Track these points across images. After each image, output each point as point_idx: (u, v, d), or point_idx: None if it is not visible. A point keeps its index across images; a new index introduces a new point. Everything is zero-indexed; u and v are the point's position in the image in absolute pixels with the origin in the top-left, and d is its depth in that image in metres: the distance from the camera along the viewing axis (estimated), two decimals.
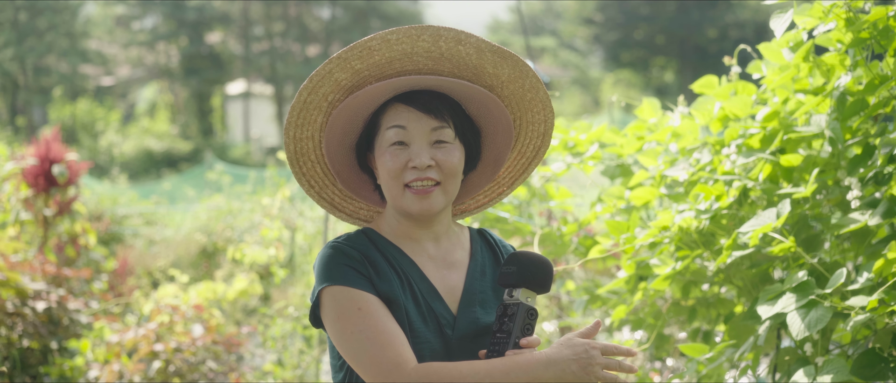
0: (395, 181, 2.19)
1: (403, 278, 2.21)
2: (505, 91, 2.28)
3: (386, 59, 2.17)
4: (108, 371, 5.42)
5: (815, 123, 3.11)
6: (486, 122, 2.29)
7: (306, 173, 2.31)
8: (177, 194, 19.52)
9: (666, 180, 3.57)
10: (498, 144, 2.32)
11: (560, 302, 5.85)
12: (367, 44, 2.13)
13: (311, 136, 2.26)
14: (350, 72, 2.17)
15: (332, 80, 2.17)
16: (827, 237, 3.10)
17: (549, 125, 2.36)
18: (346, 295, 2.13)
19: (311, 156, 2.29)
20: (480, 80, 2.25)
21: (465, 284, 2.27)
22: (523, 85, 2.27)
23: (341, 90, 2.20)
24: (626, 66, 42.73)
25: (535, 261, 2.18)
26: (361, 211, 2.42)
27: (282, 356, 6.00)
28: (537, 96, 2.29)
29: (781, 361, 3.15)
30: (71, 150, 7.77)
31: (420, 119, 2.18)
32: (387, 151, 2.19)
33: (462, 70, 2.23)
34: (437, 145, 2.19)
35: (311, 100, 2.20)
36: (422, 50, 2.17)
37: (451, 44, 2.17)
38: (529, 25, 46.70)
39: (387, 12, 41.16)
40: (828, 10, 2.98)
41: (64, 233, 7.38)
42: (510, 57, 2.21)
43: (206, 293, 6.85)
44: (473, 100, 2.25)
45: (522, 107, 2.32)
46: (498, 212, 4.50)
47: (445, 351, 2.18)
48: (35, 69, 36.85)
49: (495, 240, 2.41)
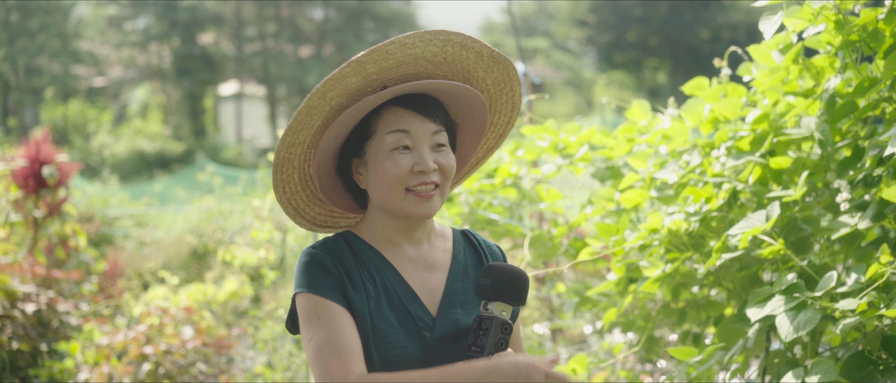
0: (397, 185, 2.18)
1: (379, 283, 2.21)
2: (487, 94, 2.32)
3: (395, 63, 2.17)
4: (97, 373, 5.40)
5: (805, 126, 3.11)
6: (464, 123, 2.31)
7: (285, 179, 2.29)
8: (168, 195, 19.48)
9: (656, 182, 3.57)
10: (465, 144, 2.35)
11: (551, 304, 5.85)
12: (386, 48, 2.12)
13: (303, 142, 2.23)
14: (362, 75, 2.15)
15: (343, 84, 2.15)
16: (816, 239, 3.10)
17: (509, 128, 2.41)
18: (312, 304, 2.15)
19: (294, 162, 2.27)
20: (469, 83, 2.28)
21: (446, 286, 2.26)
22: (504, 89, 2.31)
23: (348, 94, 2.18)
24: (619, 67, 42.77)
25: (509, 274, 2.16)
26: (320, 216, 2.40)
27: (272, 358, 5.99)
28: (512, 99, 2.34)
29: (771, 364, 3.15)
30: (62, 151, 7.74)
31: (422, 123, 2.18)
32: (389, 157, 2.17)
33: (456, 73, 2.25)
34: (438, 149, 2.20)
35: (318, 105, 2.16)
36: (429, 54, 2.18)
37: (456, 48, 2.19)
38: (522, 26, 46.73)
39: (379, 13, 41.16)
40: (817, 12, 2.97)
41: (54, 234, 7.35)
42: (503, 62, 2.24)
43: (197, 295, 6.85)
44: (461, 102, 2.26)
45: (494, 110, 2.36)
46: (489, 214, 4.50)
47: (424, 353, 2.17)
48: (27, 70, 36.75)
49: (479, 241, 2.40)
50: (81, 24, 40.01)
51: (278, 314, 6.15)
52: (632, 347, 3.80)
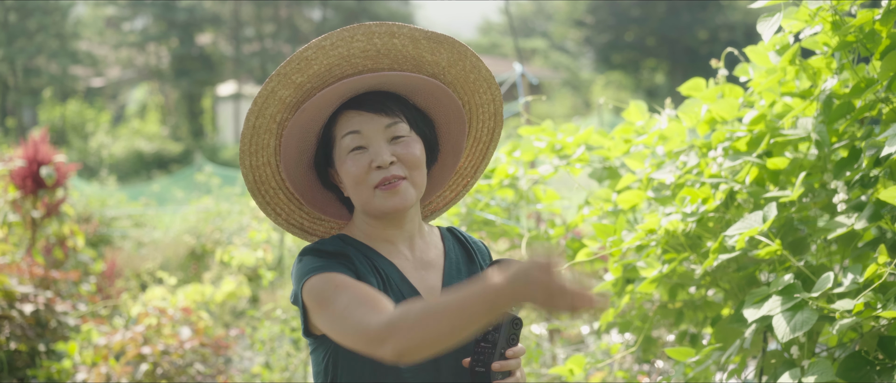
0: (363, 186, 2.16)
1: (383, 278, 2.19)
2: (447, 76, 2.26)
3: (325, 67, 2.14)
4: (95, 373, 5.40)
5: (802, 126, 3.11)
6: (436, 113, 2.28)
7: (270, 201, 2.28)
8: (166, 196, 19.48)
9: (653, 183, 3.57)
10: (453, 132, 2.30)
11: None
12: (303, 55, 2.10)
13: (268, 162, 2.22)
14: (292, 87, 2.14)
15: (276, 98, 2.14)
16: (813, 240, 3.10)
17: (498, 104, 2.34)
18: (322, 282, 2.06)
19: (271, 183, 2.26)
20: (421, 70, 2.23)
21: (444, 283, 2.26)
22: (464, 67, 2.24)
23: (287, 108, 2.17)
24: (617, 67, 42.80)
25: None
26: (333, 231, 2.40)
27: (270, 358, 5.99)
28: (480, 76, 2.27)
29: (768, 364, 3.15)
30: (60, 152, 7.74)
31: (372, 120, 2.15)
32: (347, 159, 2.16)
33: (401, 63, 2.20)
34: (395, 141, 2.17)
35: (260, 124, 2.16)
36: (358, 50, 2.15)
37: (385, 39, 2.15)
38: (520, 27, 46.76)
39: (377, 13, 41.20)
40: (814, 13, 2.97)
41: (52, 235, 7.35)
42: (446, 40, 2.19)
43: (195, 295, 6.85)
44: (419, 91, 2.23)
45: (468, 90, 2.30)
46: (486, 215, 4.50)
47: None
48: (25, 70, 36.76)
49: (466, 238, 2.39)
50: (80, 24, 40.05)
51: (276, 314, 6.15)
52: (629, 348, 3.80)
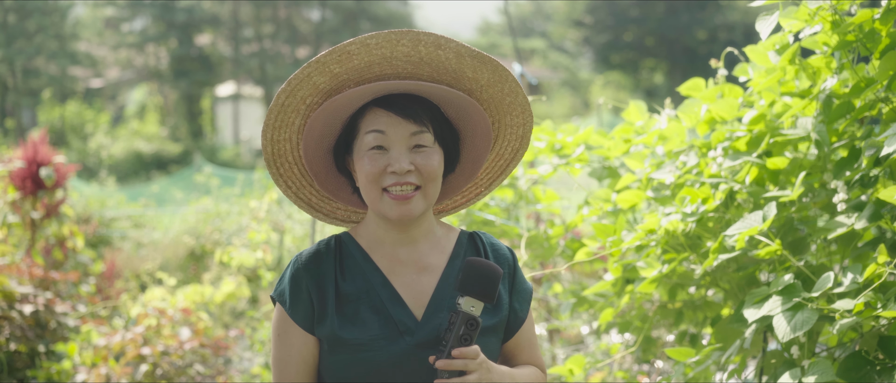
0: (374, 185, 2.19)
1: (362, 286, 2.23)
2: (484, 95, 2.28)
3: (365, 63, 2.17)
4: (95, 374, 5.40)
5: (802, 126, 3.10)
6: (464, 125, 2.29)
7: (283, 174, 2.33)
8: (165, 197, 19.46)
9: (652, 183, 3.57)
10: (476, 147, 2.31)
11: (548, 304, 5.85)
12: (346, 48, 2.13)
13: (289, 139, 2.27)
14: (328, 75, 2.17)
15: (310, 83, 2.17)
16: (813, 240, 3.10)
17: (528, 128, 2.35)
18: (279, 317, 2.28)
19: (288, 158, 2.30)
20: (459, 84, 2.25)
21: (436, 289, 2.25)
22: (502, 89, 2.26)
23: (320, 93, 2.20)
24: (616, 67, 42.78)
25: (477, 270, 2.14)
26: (339, 211, 2.43)
27: (269, 359, 5.98)
28: (516, 100, 2.29)
29: (768, 364, 3.15)
30: (59, 153, 7.74)
31: (399, 124, 2.17)
32: (365, 156, 2.18)
33: (441, 74, 2.22)
34: (417, 150, 2.19)
35: (289, 104, 2.20)
36: (401, 54, 2.16)
37: (430, 48, 2.16)
38: (519, 27, 46.75)
39: (376, 14, 41.14)
40: (814, 12, 2.97)
41: (51, 235, 7.34)
42: (489, 62, 2.20)
43: (194, 296, 6.84)
44: (452, 103, 2.24)
45: (501, 111, 2.31)
46: (485, 215, 4.50)
47: (404, 357, 2.17)
48: (24, 71, 36.72)
49: (485, 244, 2.37)
50: (79, 25, 40.00)
51: None
52: (629, 348, 3.80)
